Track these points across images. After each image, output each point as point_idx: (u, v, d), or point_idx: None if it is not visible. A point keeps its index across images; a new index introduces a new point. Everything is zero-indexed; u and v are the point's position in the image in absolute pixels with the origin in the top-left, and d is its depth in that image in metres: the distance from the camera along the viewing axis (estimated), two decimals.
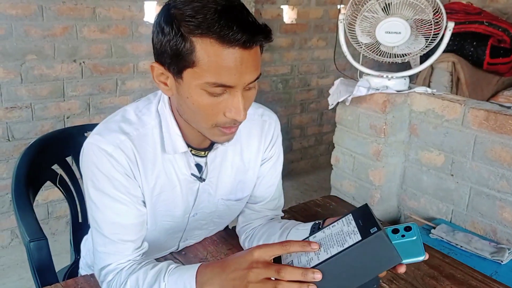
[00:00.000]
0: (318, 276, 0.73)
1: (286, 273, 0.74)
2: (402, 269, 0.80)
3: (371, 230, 0.73)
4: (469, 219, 2.00)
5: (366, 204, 0.82)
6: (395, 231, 0.82)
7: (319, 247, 0.76)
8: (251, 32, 0.81)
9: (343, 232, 0.77)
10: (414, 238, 0.80)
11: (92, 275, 1.06)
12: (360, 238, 0.74)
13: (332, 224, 0.81)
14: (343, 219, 0.80)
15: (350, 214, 0.81)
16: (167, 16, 0.84)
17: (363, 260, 0.74)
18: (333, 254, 0.75)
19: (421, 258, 0.80)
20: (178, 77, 0.87)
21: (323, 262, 0.75)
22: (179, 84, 0.88)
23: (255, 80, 0.88)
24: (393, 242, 0.80)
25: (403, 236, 0.81)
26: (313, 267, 0.74)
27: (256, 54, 0.86)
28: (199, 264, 0.87)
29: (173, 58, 0.85)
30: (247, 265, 0.78)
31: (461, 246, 1.82)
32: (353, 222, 0.78)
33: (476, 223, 1.97)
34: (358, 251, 0.73)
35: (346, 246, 0.74)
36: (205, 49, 0.81)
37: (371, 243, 0.73)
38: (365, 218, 0.77)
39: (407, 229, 0.81)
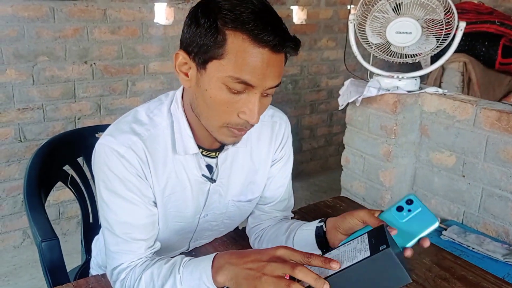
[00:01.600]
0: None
1: (300, 272, 0.75)
2: (426, 243, 0.81)
3: (380, 247, 0.74)
4: (481, 220, 1.98)
5: (382, 225, 0.82)
6: (400, 208, 0.82)
7: (339, 266, 0.76)
8: (283, 38, 0.84)
9: (355, 249, 0.78)
10: (420, 209, 0.81)
11: (103, 275, 1.06)
12: (369, 254, 0.74)
13: (348, 243, 0.82)
14: (358, 238, 0.81)
15: (366, 233, 0.81)
16: (205, 8, 0.86)
17: (371, 277, 0.74)
18: (342, 268, 0.75)
19: (436, 224, 0.81)
20: (201, 67, 0.88)
21: (331, 275, 0.75)
22: (201, 75, 0.89)
23: (275, 87, 0.89)
24: (403, 220, 0.81)
25: (409, 211, 0.81)
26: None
27: (281, 61, 0.88)
28: (215, 253, 0.87)
29: (202, 47, 0.86)
30: (267, 259, 0.78)
31: (472, 248, 1.80)
32: (366, 241, 0.79)
33: (488, 225, 1.95)
34: (365, 267, 0.74)
35: (355, 261, 0.75)
36: (236, 43, 0.83)
37: (379, 259, 0.73)
38: (378, 237, 0.78)
39: (409, 202, 0.82)
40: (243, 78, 0.84)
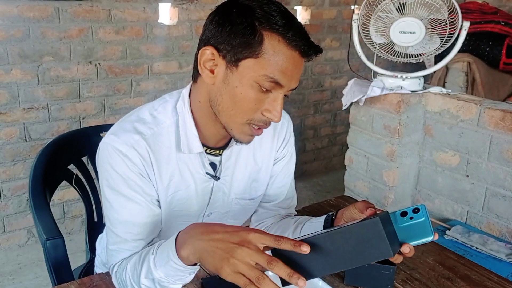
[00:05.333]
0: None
1: (276, 267, 0.71)
2: (406, 249, 0.80)
3: (370, 217, 0.76)
4: (484, 220, 1.97)
5: (387, 211, 0.83)
6: (404, 214, 0.83)
7: (309, 250, 0.73)
8: (310, 44, 0.90)
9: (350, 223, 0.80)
10: (422, 219, 0.81)
11: (108, 273, 1.06)
12: (357, 222, 0.77)
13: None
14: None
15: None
16: (239, 6, 0.89)
17: (354, 243, 0.75)
18: (327, 230, 0.77)
19: (430, 238, 0.81)
20: (233, 65, 0.90)
21: (317, 235, 0.76)
22: (231, 72, 0.90)
23: (294, 89, 0.94)
24: (401, 225, 0.81)
25: (411, 218, 0.82)
26: (305, 240, 0.75)
27: (303, 65, 0.93)
28: (180, 231, 0.86)
29: (237, 46, 0.88)
30: (237, 241, 0.75)
31: (476, 248, 1.80)
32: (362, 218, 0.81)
33: (492, 225, 1.95)
34: (351, 231, 0.76)
35: (342, 226, 0.77)
36: (272, 44, 0.87)
37: (365, 226, 0.75)
38: (373, 216, 0.79)
39: (416, 211, 0.82)
40: (276, 78, 0.88)
